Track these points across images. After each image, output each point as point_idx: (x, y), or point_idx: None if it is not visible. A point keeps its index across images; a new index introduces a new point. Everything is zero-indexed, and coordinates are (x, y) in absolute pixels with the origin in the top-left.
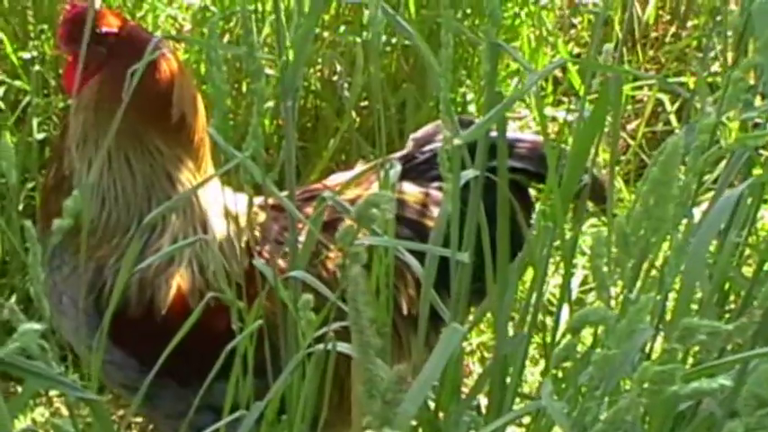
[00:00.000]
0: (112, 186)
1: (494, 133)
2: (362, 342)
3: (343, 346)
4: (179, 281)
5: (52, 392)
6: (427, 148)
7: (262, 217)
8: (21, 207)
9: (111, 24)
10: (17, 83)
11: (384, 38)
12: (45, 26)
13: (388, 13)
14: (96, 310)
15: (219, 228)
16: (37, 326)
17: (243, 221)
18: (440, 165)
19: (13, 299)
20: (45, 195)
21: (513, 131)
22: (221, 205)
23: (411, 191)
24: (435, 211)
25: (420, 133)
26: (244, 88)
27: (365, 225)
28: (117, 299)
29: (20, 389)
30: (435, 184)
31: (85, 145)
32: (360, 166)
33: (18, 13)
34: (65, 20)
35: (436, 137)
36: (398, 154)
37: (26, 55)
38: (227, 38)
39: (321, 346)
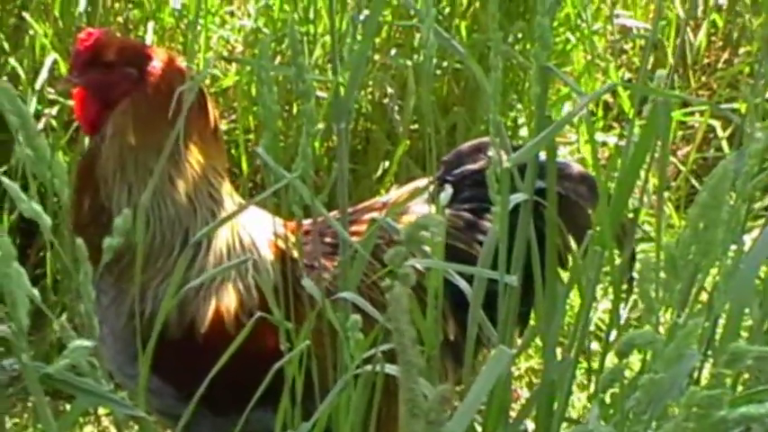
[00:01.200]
0: (157, 207)
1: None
2: (405, 361)
3: (390, 368)
4: (219, 303)
5: (101, 410)
6: (458, 170)
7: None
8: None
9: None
10: (70, 103)
11: (435, 61)
12: None
13: (440, 36)
14: (134, 337)
15: (263, 247)
16: (87, 342)
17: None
18: (489, 187)
19: (64, 317)
20: (80, 231)
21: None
22: (261, 223)
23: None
24: (468, 233)
25: (451, 156)
26: (295, 110)
27: (414, 247)
28: (161, 322)
29: (69, 407)
30: (466, 206)
31: (124, 171)
32: (394, 190)
33: (73, 34)
34: (80, 49)
35: (466, 159)
36: (428, 178)
37: None
38: (278, 59)
39: (368, 367)
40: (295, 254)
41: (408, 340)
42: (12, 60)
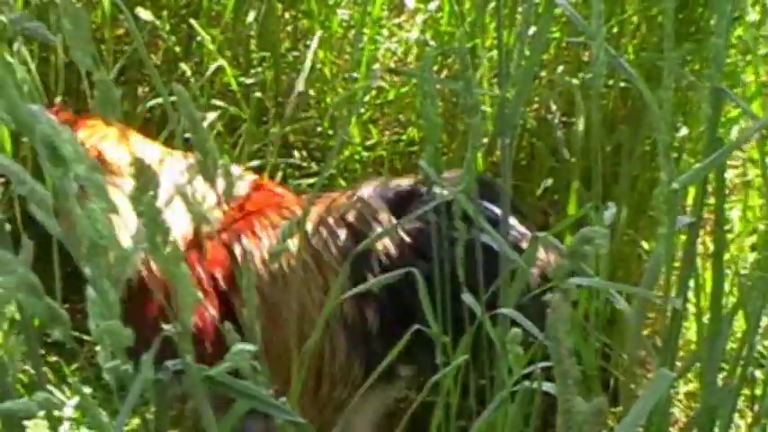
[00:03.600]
0: None
1: None
2: (561, 372)
3: (547, 386)
4: None
5: None
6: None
7: None
8: None
9: None
10: (231, 109)
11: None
12: (267, 54)
13: (610, 54)
14: None
15: None
16: (250, 346)
17: None
18: (655, 207)
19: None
20: None
21: None
22: None
23: None
24: None
25: None
26: (458, 124)
27: (577, 263)
28: None
29: None
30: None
31: None
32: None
33: (242, 41)
34: None
35: None
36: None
37: (247, 81)
38: (444, 73)
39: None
40: None
41: (565, 350)
42: (182, 65)
